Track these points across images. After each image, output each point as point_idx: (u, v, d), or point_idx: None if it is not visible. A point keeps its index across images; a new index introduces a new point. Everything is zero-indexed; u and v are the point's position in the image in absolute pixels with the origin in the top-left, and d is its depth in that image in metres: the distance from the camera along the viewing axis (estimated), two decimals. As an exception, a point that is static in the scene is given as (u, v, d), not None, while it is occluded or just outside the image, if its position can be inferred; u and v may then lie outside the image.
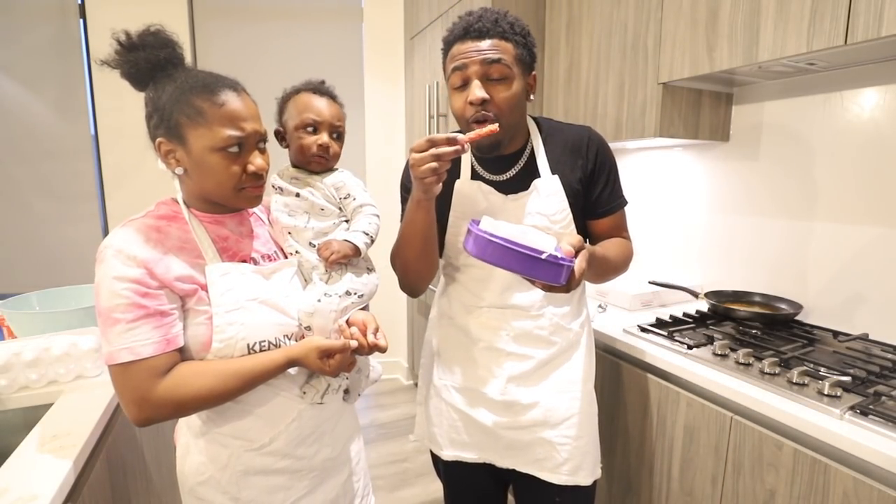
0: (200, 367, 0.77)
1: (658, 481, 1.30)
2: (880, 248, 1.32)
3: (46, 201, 2.63)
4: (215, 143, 0.76)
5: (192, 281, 0.77)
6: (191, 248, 0.80)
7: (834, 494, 0.91)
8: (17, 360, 1.07)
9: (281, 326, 0.84)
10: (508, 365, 1.06)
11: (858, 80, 1.33)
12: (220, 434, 0.84)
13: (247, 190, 0.82)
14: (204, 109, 0.76)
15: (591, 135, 1.06)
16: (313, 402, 0.89)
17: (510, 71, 0.93)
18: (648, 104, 1.57)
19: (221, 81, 0.79)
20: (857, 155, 1.35)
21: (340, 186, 0.96)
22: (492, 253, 0.79)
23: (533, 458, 1.07)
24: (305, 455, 0.89)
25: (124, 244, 0.74)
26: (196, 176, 0.80)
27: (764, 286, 1.59)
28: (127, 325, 0.72)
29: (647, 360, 1.30)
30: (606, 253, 1.00)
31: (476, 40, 0.93)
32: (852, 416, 0.92)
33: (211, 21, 2.79)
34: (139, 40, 0.77)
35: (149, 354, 0.72)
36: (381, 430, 2.59)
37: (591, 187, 1.05)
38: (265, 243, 0.92)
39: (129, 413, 0.74)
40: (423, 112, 2.60)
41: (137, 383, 0.72)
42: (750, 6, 1.24)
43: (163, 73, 0.78)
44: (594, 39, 1.79)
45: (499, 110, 0.94)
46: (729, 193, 1.70)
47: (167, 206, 0.83)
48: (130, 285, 0.72)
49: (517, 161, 1.05)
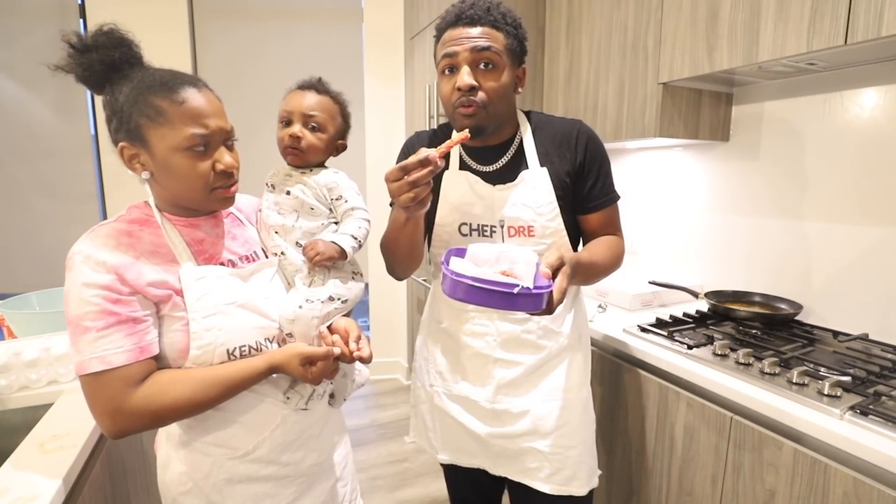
0: (178, 376, 0.74)
1: (658, 481, 1.30)
2: (880, 248, 1.32)
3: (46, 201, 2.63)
4: (179, 143, 0.73)
5: (165, 286, 0.74)
6: (164, 252, 0.77)
7: (834, 494, 0.91)
8: (17, 360, 1.07)
9: (262, 330, 0.82)
10: (497, 372, 1.05)
11: (858, 80, 1.33)
12: (202, 443, 0.81)
13: (218, 191, 0.78)
14: (164, 108, 0.72)
15: (581, 128, 1.05)
16: (297, 407, 0.86)
17: (499, 59, 0.94)
18: (648, 104, 1.57)
19: (181, 78, 0.75)
20: (856, 155, 1.35)
21: (333, 187, 0.94)
22: (464, 293, 0.77)
23: (525, 467, 1.06)
24: (291, 461, 0.87)
25: (93, 250, 0.71)
26: (163, 179, 0.76)
27: (764, 286, 1.59)
28: (98, 334, 0.68)
29: (647, 360, 1.30)
30: (593, 257, 0.99)
31: (467, 27, 0.93)
32: (852, 416, 0.92)
33: (211, 21, 2.79)
34: (91, 41, 0.74)
35: (121, 363, 0.69)
36: (381, 430, 2.59)
37: (581, 181, 1.04)
38: (243, 244, 0.89)
39: (102, 426, 0.71)
40: (423, 112, 2.60)
41: (110, 394, 0.69)
42: (750, 6, 1.24)
43: (119, 74, 0.75)
44: (594, 39, 1.79)
45: (486, 98, 0.94)
46: (729, 193, 1.70)
47: (139, 210, 0.80)
48: (100, 292, 0.69)
49: (505, 152, 1.05)
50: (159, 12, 2.60)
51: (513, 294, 0.75)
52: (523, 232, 1.02)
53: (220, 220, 0.87)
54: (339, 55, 2.98)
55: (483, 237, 1.04)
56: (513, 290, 0.75)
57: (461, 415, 1.08)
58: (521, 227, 1.01)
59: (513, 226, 1.02)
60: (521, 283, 0.75)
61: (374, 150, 3.00)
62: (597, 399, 1.45)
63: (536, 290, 0.76)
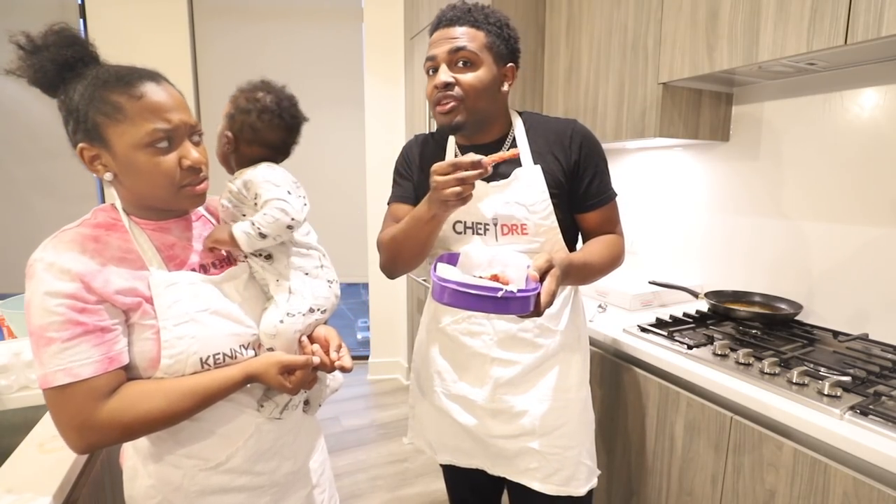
0: (149, 387, 0.70)
1: (658, 481, 1.30)
2: (880, 248, 1.32)
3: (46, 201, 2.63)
4: (140, 140, 0.69)
5: (134, 294, 0.70)
6: (133, 258, 0.73)
7: (834, 494, 0.91)
8: (17, 360, 1.07)
9: (237, 337, 0.78)
10: (495, 371, 1.05)
11: (858, 80, 1.33)
12: (172, 454, 0.78)
13: (186, 188, 0.75)
14: (121, 104, 0.68)
15: (576, 127, 1.05)
16: (271, 417, 0.83)
17: (476, 57, 0.96)
18: (648, 104, 1.57)
19: (138, 73, 0.72)
20: (856, 155, 1.35)
21: (249, 186, 0.85)
22: (450, 298, 0.78)
23: (523, 467, 1.06)
24: (265, 470, 0.84)
25: (56, 256, 0.67)
26: (128, 180, 0.72)
27: (764, 286, 1.59)
28: (63, 345, 0.65)
29: (647, 360, 1.30)
30: (588, 257, 0.99)
31: (447, 27, 0.97)
32: (852, 416, 0.93)
33: (211, 21, 2.79)
34: (42, 41, 0.70)
35: (88, 375, 0.65)
36: (381, 430, 2.59)
37: (577, 180, 1.04)
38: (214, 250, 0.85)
39: (67, 441, 0.67)
40: (423, 112, 2.60)
41: (77, 407, 0.65)
42: (750, 6, 1.24)
43: (72, 74, 0.71)
44: (594, 39, 1.79)
45: (463, 93, 0.96)
46: (729, 193, 1.70)
47: (105, 214, 0.76)
48: (65, 301, 0.65)
49: (498, 150, 1.04)
50: (159, 12, 2.60)
51: (498, 297, 0.76)
52: (516, 230, 1.02)
53: (190, 223, 0.84)
54: (339, 55, 2.98)
55: (477, 235, 1.04)
56: (497, 293, 0.76)
57: (460, 414, 1.08)
58: (515, 226, 1.02)
59: (506, 224, 1.02)
60: (506, 287, 0.76)
61: (374, 149, 3.00)
62: (597, 399, 1.45)
63: (521, 294, 0.77)
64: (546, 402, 1.04)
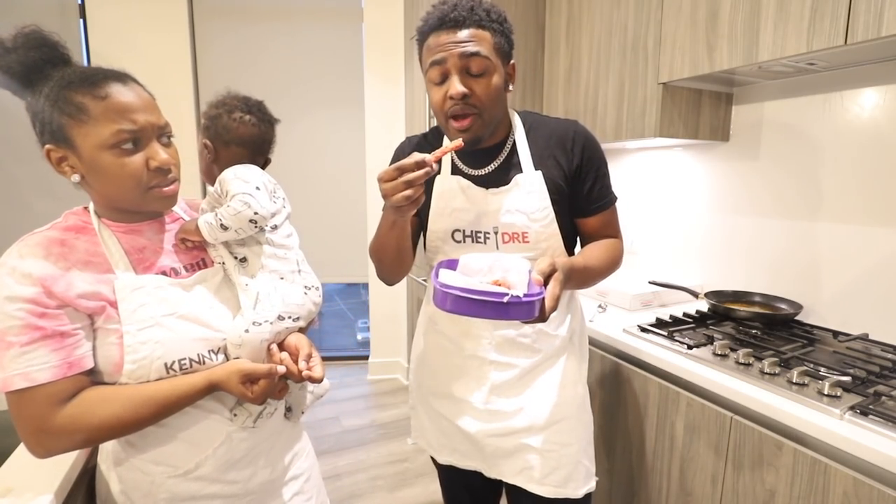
0: (108, 393, 0.69)
1: (658, 481, 1.30)
2: (880, 248, 1.32)
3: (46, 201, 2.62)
4: (105, 140, 0.68)
5: (98, 298, 0.70)
6: (99, 261, 0.72)
7: (834, 494, 0.91)
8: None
9: (205, 342, 0.77)
10: (492, 374, 1.04)
11: (858, 80, 1.33)
12: (140, 460, 0.77)
13: (154, 189, 0.74)
14: (85, 105, 0.68)
15: (578, 129, 1.01)
16: (244, 426, 0.81)
17: (490, 63, 0.91)
18: (648, 104, 1.57)
19: (103, 73, 0.71)
20: (857, 155, 1.35)
21: (221, 182, 0.86)
22: (453, 304, 0.75)
23: (519, 467, 1.04)
24: (239, 479, 0.82)
25: (19, 260, 0.66)
26: (94, 181, 0.72)
27: (764, 286, 1.59)
28: (21, 349, 0.64)
29: (647, 360, 1.30)
30: (588, 261, 0.97)
31: (452, 30, 0.89)
32: (852, 416, 0.93)
33: (211, 21, 2.79)
34: (11, 43, 0.70)
35: (46, 380, 0.65)
36: (381, 430, 2.59)
37: (578, 184, 1.01)
38: (189, 252, 0.84)
39: (27, 446, 0.67)
40: (423, 112, 2.60)
41: (34, 412, 0.65)
42: (750, 6, 1.24)
43: (40, 76, 0.71)
44: (594, 39, 1.79)
45: (479, 104, 0.92)
46: (729, 193, 1.70)
47: (76, 217, 0.76)
48: (25, 305, 0.65)
49: (498, 155, 1.02)
50: (159, 12, 2.60)
51: (503, 303, 0.73)
52: (517, 238, 1.00)
53: (163, 225, 0.83)
54: (339, 55, 2.98)
55: (477, 243, 1.02)
56: (502, 298, 0.73)
57: (456, 416, 1.08)
58: (516, 234, 1.00)
59: (507, 232, 1.00)
60: (511, 292, 0.74)
61: (374, 149, 3.00)
62: (597, 399, 1.45)
63: (527, 298, 0.74)
64: (542, 399, 1.03)
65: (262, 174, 0.90)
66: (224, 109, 0.93)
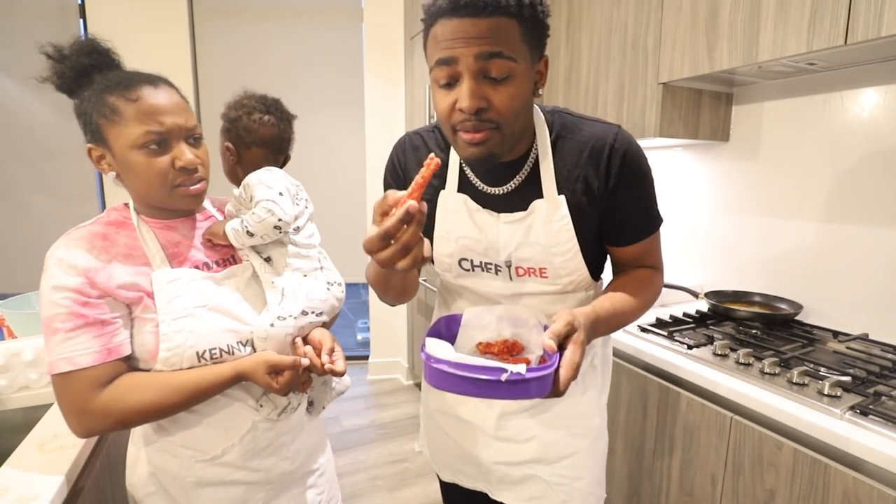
0: (143, 380, 0.74)
1: (658, 481, 1.30)
2: (880, 248, 1.32)
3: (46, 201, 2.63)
4: (134, 141, 0.73)
5: (136, 289, 0.75)
6: (138, 254, 0.77)
7: (834, 494, 0.91)
8: (17, 360, 1.07)
9: (234, 333, 0.80)
10: None
11: (858, 80, 1.33)
12: (171, 444, 0.81)
13: (180, 188, 0.78)
14: (118, 107, 0.73)
15: (618, 140, 0.79)
16: (268, 417, 0.84)
17: (515, 65, 0.68)
18: (648, 104, 1.57)
19: (138, 77, 0.76)
20: (856, 155, 1.35)
21: (246, 186, 0.89)
22: (444, 382, 0.61)
23: (527, 495, 0.96)
24: (261, 468, 0.86)
25: (66, 253, 0.72)
26: (127, 179, 0.77)
27: (764, 286, 1.59)
28: (66, 335, 0.70)
29: (647, 360, 1.30)
30: (618, 305, 0.79)
31: (468, 18, 0.66)
32: (852, 416, 0.93)
33: (211, 21, 2.79)
34: (67, 51, 0.76)
35: (87, 364, 0.70)
36: (381, 430, 2.59)
37: (613, 210, 0.82)
38: (218, 248, 0.87)
39: (69, 424, 0.72)
40: (423, 112, 2.60)
41: (76, 394, 0.70)
42: (750, 6, 1.24)
43: (87, 80, 0.77)
44: (594, 39, 1.79)
45: (499, 117, 0.70)
46: (729, 193, 1.70)
47: (117, 213, 0.81)
48: (70, 294, 0.70)
49: (518, 170, 0.82)
50: (159, 12, 2.60)
51: (500, 381, 0.59)
52: (534, 273, 0.85)
53: (196, 222, 0.87)
54: (339, 55, 2.98)
55: (487, 272, 0.88)
56: (499, 376, 0.59)
57: (462, 438, 1.00)
58: (532, 269, 0.85)
59: (521, 266, 0.85)
60: (512, 368, 0.59)
61: (374, 150, 3.00)
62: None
63: (533, 374, 0.59)
64: (555, 430, 0.93)
65: (284, 177, 0.92)
66: (243, 111, 0.93)
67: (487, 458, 0.97)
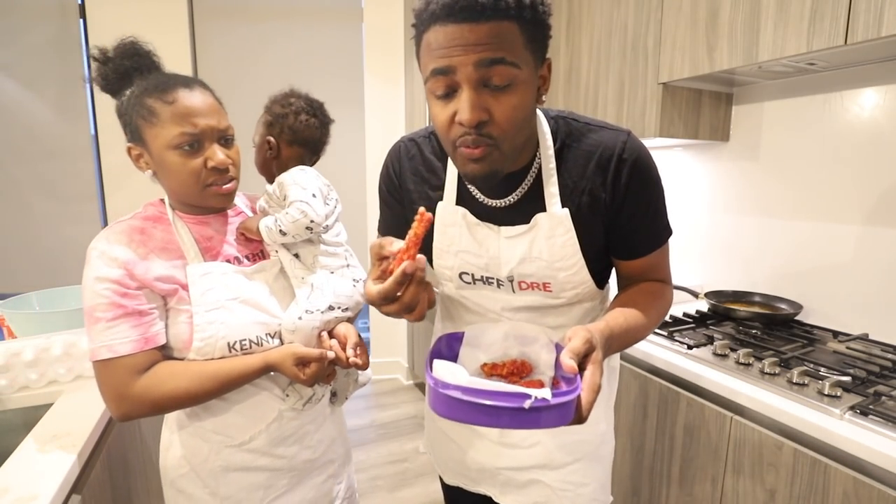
0: (178, 368, 0.78)
1: (658, 481, 1.30)
2: (880, 248, 1.32)
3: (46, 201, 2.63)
4: (169, 142, 0.77)
5: (172, 281, 0.78)
6: (173, 248, 0.81)
7: (834, 494, 0.91)
8: (17, 360, 1.07)
9: (263, 326, 0.84)
10: None
11: (858, 80, 1.33)
12: (202, 428, 0.85)
13: (212, 187, 0.81)
14: (156, 109, 0.76)
15: (627, 148, 0.75)
16: (294, 407, 0.89)
17: (518, 72, 0.64)
18: (648, 104, 1.57)
19: (175, 80, 0.79)
20: (856, 155, 1.35)
21: (281, 185, 0.92)
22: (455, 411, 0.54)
23: (531, 500, 0.95)
24: (285, 455, 0.90)
25: (107, 246, 0.76)
26: (162, 177, 0.81)
27: (764, 286, 1.59)
28: (107, 324, 0.74)
29: (646, 360, 1.30)
30: (631, 321, 0.74)
31: (465, 24, 0.60)
32: (852, 416, 0.93)
33: (211, 21, 2.79)
34: (112, 53, 0.80)
35: (126, 352, 0.74)
36: (381, 430, 2.59)
37: (620, 222, 0.78)
38: (250, 243, 0.92)
39: (109, 408, 0.76)
40: (423, 112, 2.60)
41: (116, 380, 0.74)
42: (750, 6, 1.24)
43: (129, 82, 0.80)
44: (594, 39, 1.79)
45: (500, 132, 0.66)
46: (729, 193, 1.70)
47: (154, 208, 0.85)
48: (110, 285, 0.74)
49: (521, 182, 0.78)
50: (159, 12, 2.60)
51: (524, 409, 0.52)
52: (538, 287, 0.82)
53: (227, 218, 0.91)
54: (339, 55, 2.98)
55: (488, 285, 0.85)
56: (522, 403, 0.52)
57: (466, 444, 0.98)
58: (535, 283, 0.81)
59: (524, 281, 0.82)
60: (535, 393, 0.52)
61: (373, 150, 3.00)
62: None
63: (558, 399, 0.52)
64: (560, 435, 0.89)
65: (317, 178, 0.95)
66: (291, 110, 0.97)
67: (492, 463, 0.95)
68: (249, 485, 0.87)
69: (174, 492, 0.88)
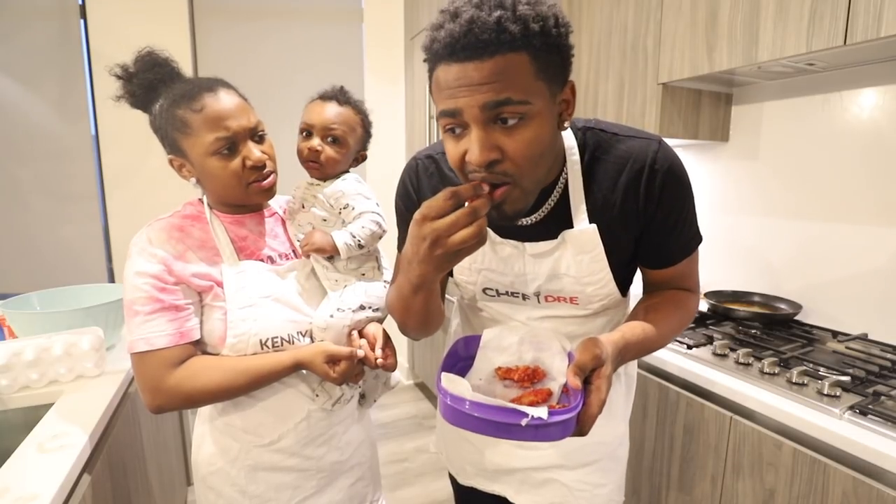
0: (211, 362, 0.80)
1: (658, 481, 1.30)
2: (880, 248, 1.32)
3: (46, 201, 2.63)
4: (207, 149, 0.79)
5: (208, 278, 0.81)
6: (210, 246, 0.84)
7: (833, 494, 0.91)
8: (18, 360, 1.07)
9: (294, 323, 0.85)
10: None
11: (858, 80, 1.33)
12: (232, 427, 0.86)
13: (254, 185, 0.84)
14: (187, 119, 0.78)
15: (659, 158, 0.73)
16: (323, 407, 0.89)
17: (528, 108, 0.60)
18: (648, 104, 1.57)
19: (199, 86, 0.80)
20: (856, 155, 1.35)
21: (339, 196, 0.93)
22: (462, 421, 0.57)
23: (548, 500, 0.94)
24: (313, 455, 0.90)
25: (148, 242, 0.79)
26: (206, 183, 0.84)
27: (764, 286, 1.59)
28: (145, 318, 0.76)
29: (646, 360, 1.30)
30: (650, 332, 0.73)
31: (468, 62, 0.57)
32: (852, 415, 0.93)
33: (211, 21, 2.79)
34: (134, 68, 0.81)
35: (162, 346, 0.76)
36: (382, 431, 2.59)
37: (650, 232, 0.76)
38: (283, 242, 0.94)
39: (144, 400, 0.78)
40: (423, 112, 2.60)
41: (152, 372, 0.76)
42: (750, 6, 1.24)
43: (156, 94, 0.82)
44: (594, 39, 1.79)
45: (515, 170, 0.62)
46: (729, 193, 1.71)
47: (193, 207, 0.87)
48: (150, 280, 0.76)
49: (547, 199, 0.75)
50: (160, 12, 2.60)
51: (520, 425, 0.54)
52: (564, 300, 0.81)
53: (263, 218, 0.93)
54: (339, 55, 2.97)
55: (514, 297, 0.84)
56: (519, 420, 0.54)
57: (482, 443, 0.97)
58: (562, 297, 0.81)
59: (551, 295, 0.81)
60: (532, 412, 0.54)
61: (373, 150, 2.99)
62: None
63: (555, 419, 0.55)
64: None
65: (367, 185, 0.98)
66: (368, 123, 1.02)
67: (508, 463, 0.95)
68: (278, 484, 0.88)
69: (205, 488, 0.89)
